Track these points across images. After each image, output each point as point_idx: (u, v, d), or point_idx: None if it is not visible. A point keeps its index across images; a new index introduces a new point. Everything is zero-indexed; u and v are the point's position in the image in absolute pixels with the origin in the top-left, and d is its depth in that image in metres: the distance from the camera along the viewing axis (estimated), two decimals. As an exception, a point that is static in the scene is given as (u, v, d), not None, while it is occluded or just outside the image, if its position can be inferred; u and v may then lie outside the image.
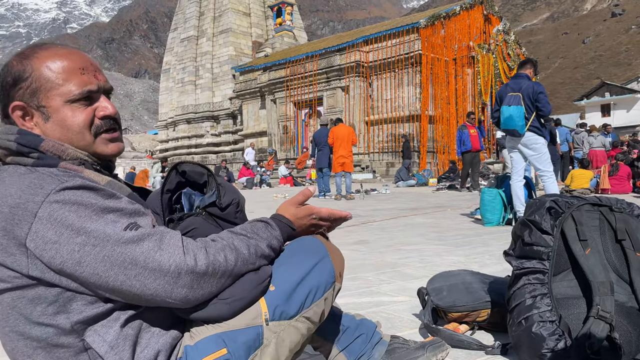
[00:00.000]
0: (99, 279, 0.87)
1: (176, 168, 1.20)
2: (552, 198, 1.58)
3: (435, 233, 4.87)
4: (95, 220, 0.87)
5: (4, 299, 0.91)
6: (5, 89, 1.00)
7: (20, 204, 0.87)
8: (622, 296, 1.45)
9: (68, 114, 1.00)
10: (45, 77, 0.99)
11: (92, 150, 1.03)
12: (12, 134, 0.97)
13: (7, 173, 0.93)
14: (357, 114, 20.52)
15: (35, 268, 0.87)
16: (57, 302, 0.90)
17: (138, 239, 0.88)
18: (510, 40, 23.35)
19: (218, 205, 1.13)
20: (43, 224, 0.85)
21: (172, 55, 31.01)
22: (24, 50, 1.03)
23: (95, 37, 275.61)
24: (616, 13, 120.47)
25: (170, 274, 0.88)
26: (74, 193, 0.88)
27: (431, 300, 1.90)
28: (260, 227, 1.05)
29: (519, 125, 4.99)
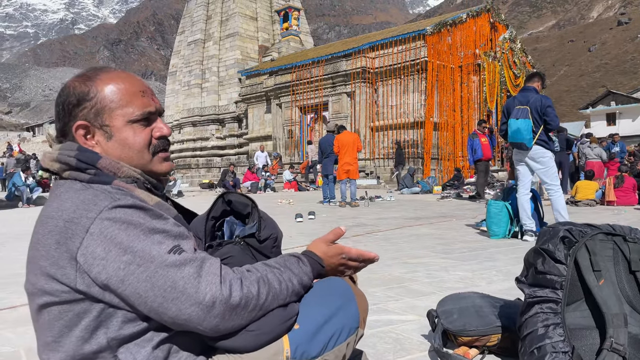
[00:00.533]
0: (139, 298, 0.91)
1: (223, 197, 1.27)
2: (566, 227, 1.58)
3: (441, 245, 4.86)
4: (142, 240, 0.91)
5: (51, 310, 0.95)
6: (68, 109, 1.05)
7: (74, 218, 0.91)
8: (635, 328, 1.44)
9: (130, 133, 1.06)
10: (109, 98, 1.04)
11: (148, 168, 1.09)
12: (73, 150, 1.02)
13: (63, 188, 0.99)
14: (363, 119, 20.53)
15: (83, 282, 0.91)
16: (100, 317, 0.94)
17: (180, 263, 0.91)
18: (516, 48, 23.34)
19: (257, 238, 1.18)
20: (94, 239, 0.90)
21: (179, 58, 31.13)
22: (86, 72, 1.08)
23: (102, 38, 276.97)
24: (622, 22, 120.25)
25: (205, 303, 0.90)
26: (124, 212, 0.92)
27: (441, 324, 1.90)
28: (293, 262, 1.07)
29: (527, 138, 4.98)
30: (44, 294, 0.95)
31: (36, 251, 0.95)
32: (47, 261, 0.93)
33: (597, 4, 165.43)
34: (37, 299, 0.96)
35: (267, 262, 1.05)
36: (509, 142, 5.33)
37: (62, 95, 1.05)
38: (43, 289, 0.94)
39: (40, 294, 0.95)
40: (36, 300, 0.97)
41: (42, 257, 0.94)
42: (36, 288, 0.96)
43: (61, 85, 1.09)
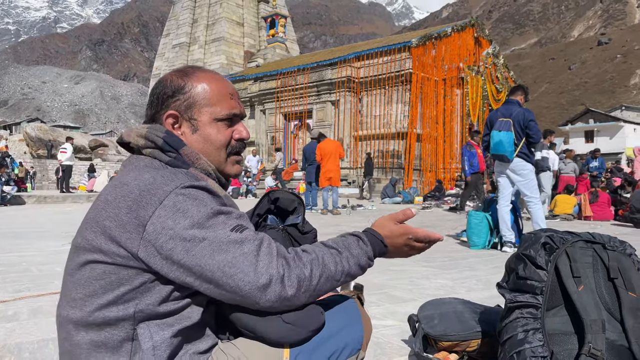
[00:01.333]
0: (200, 269, 0.94)
1: (269, 195, 1.32)
2: (547, 233, 1.60)
3: (423, 254, 4.85)
4: (210, 218, 0.96)
5: (96, 268, 0.97)
6: (162, 99, 1.12)
7: (151, 189, 0.96)
8: (613, 334, 1.46)
9: (213, 130, 1.12)
10: (201, 94, 1.12)
11: (221, 167, 1.15)
12: (161, 132, 1.08)
13: (142, 162, 1.06)
14: (347, 128, 20.62)
15: (145, 250, 0.94)
16: (139, 288, 0.96)
17: (241, 240, 0.96)
18: (499, 63, 23.73)
19: (299, 229, 1.24)
20: (166, 211, 0.94)
21: (163, 60, 30.95)
22: (184, 69, 1.16)
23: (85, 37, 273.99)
24: (602, 42, 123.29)
25: (262, 282, 0.94)
26: (197, 191, 0.98)
27: (422, 328, 1.91)
28: (352, 242, 1.07)
29: (509, 150, 5.05)
30: (97, 252, 0.97)
31: (102, 211, 0.98)
32: (113, 222, 0.95)
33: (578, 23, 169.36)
34: (86, 254, 0.98)
35: (326, 242, 1.07)
36: (490, 154, 5.39)
37: (159, 87, 1.13)
38: (99, 247, 0.96)
39: (92, 251, 0.97)
40: (83, 256, 0.98)
41: (108, 218, 0.96)
42: (90, 244, 0.98)
43: (158, 79, 1.17)
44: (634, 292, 1.53)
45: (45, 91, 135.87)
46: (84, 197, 14.51)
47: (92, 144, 27.95)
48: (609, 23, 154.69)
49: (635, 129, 44.67)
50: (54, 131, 28.72)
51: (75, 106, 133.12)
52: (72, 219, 8.40)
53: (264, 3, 31.25)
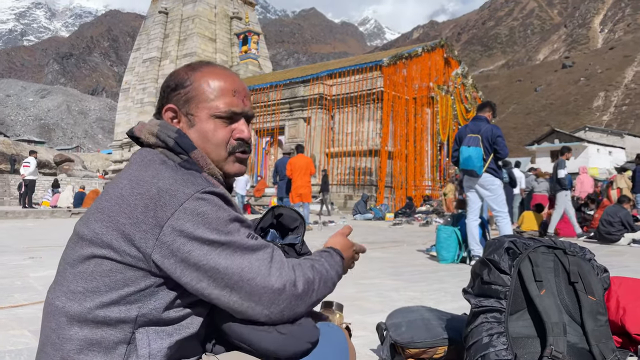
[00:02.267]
0: (217, 273, 0.94)
1: (273, 210, 1.34)
2: (511, 239, 1.64)
3: (392, 268, 4.91)
4: (228, 224, 0.96)
5: (103, 264, 0.94)
6: (166, 92, 1.12)
7: (171, 190, 0.94)
8: (574, 337, 1.50)
9: (210, 127, 1.09)
10: (201, 89, 1.09)
11: (220, 165, 1.12)
12: (173, 131, 1.06)
13: (158, 158, 1.03)
14: (318, 145, 20.71)
15: (159, 252, 0.92)
16: (144, 291, 0.94)
17: (257, 247, 0.98)
18: (468, 83, 24.32)
19: (297, 249, 1.24)
20: (185, 214, 0.92)
21: (133, 75, 30.64)
22: (193, 63, 1.15)
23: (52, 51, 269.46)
24: (567, 65, 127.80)
25: (278, 285, 0.97)
26: (215, 198, 0.98)
27: (390, 336, 1.91)
28: (326, 255, 1.14)
29: (477, 166, 5.14)
30: (106, 247, 0.94)
31: (117, 205, 0.96)
32: (128, 219, 0.93)
33: (544, 47, 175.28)
34: (93, 248, 0.95)
35: (307, 256, 1.12)
36: (460, 169, 5.49)
37: (167, 80, 1.13)
38: (109, 243, 0.94)
39: (101, 246, 0.95)
40: (89, 249, 0.96)
41: (122, 214, 0.94)
42: (99, 238, 0.95)
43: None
44: (593, 295, 1.57)
45: (9, 105, 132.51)
46: (47, 213, 14.12)
47: (57, 159, 27.33)
48: (572, 47, 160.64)
49: (599, 149, 46.18)
50: (17, 145, 27.99)
51: (40, 120, 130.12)
52: (33, 235, 8.16)
53: (236, 20, 31.37)
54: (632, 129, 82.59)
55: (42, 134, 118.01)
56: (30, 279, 3.87)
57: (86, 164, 39.46)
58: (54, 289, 0.99)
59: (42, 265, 4.63)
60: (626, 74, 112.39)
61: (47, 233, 8.47)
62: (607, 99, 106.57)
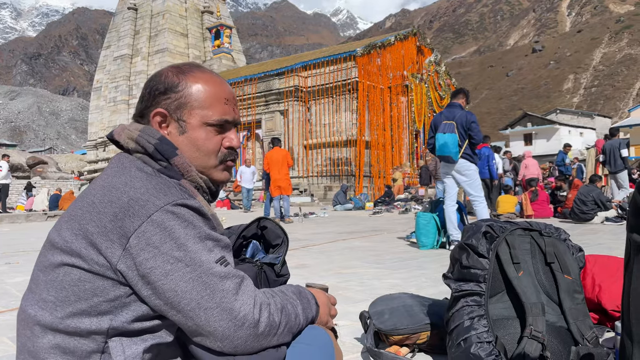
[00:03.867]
0: (175, 295, 0.90)
1: (259, 221, 1.32)
2: (488, 223, 1.66)
3: (374, 256, 4.95)
4: (197, 243, 0.92)
5: (72, 272, 0.92)
6: (153, 94, 1.07)
7: (140, 200, 0.91)
8: (552, 316, 1.53)
9: (202, 135, 1.07)
10: (194, 96, 1.06)
11: (208, 172, 1.09)
12: (154, 137, 1.03)
13: (133, 165, 1.00)
14: (296, 137, 20.67)
15: (124, 263, 0.90)
16: (115, 302, 0.92)
17: (224, 275, 0.93)
18: (441, 71, 24.48)
19: (275, 270, 1.23)
20: (153, 226, 0.90)
21: (104, 73, 30.08)
22: (181, 66, 1.11)
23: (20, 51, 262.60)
24: (536, 49, 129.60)
25: (236, 321, 0.92)
26: (188, 211, 0.94)
27: (373, 324, 1.93)
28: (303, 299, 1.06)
29: (453, 152, 5.21)
30: (75, 256, 0.92)
31: (87, 213, 0.94)
32: (96, 228, 0.91)
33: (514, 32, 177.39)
34: (63, 256, 0.93)
35: (284, 289, 1.05)
36: (436, 155, 5.54)
37: (153, 81, 1.08)
38: (77, 251, 0.92)
39: (70, 254, 0.93)
40: (59, 256, 0.94)
41: (91, 222, 0.92)
42: (68, 246, 0.93)
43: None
44: (569, 275, 1.61)
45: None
46: (23, 217, 13.83)
47: (30, 161, 26.73)
48: (542, 31, 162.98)
49: (570, 130, 47.10)
50: (-13, 149, 27.26)
51: (11, 123, 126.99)
52: (9, 240, 7.98)
53: (208, 14, 30.99)
54: (601, 109, 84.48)
55: (14, 137, 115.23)
56: (7, 285, 3.79)
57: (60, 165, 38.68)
58: (27, 297, 0.99)
59: (18, 270, 4.54)
60: (594, 56, 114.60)
61: (23, 237, 8.30)
62: (577, 82, 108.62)
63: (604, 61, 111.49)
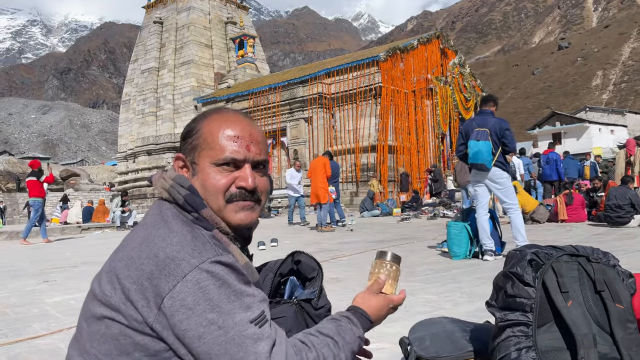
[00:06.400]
0: (208, 358, 0.90)
1: (293, 255, 1.32)
2: (532, 250, 1.61)
3: (406, 268, 4.88)
4: (231, 302, 0.91)
5: (113, 326, 0.94)
6: (181, 140, 1.12)
7: (176, 258, 0.92)
8: (604, 347, 1.47)
9: (211, 174, 1.06)
10: (204, 137, 1.07)
11: (221, 215, 1.06)
12: (184, 188, 1.04)
13: (171, 213, 1.02)
14: (321, 144, 20.69)
15: (160, 323, 0.91)
16: (155, 357, 0.93)
17: (257, 337, 0.91)
18: (465, 72, 24.21)
19: (313, 305, 1.23)
20: (187, 287, 0.90)
21: (132, 86, 30.67)
22: (207, 111, 1.13)
23: (51, 67, 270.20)
24: (562, 46, 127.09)
25: None
26: (223, 269, 0.93)
27: (414, 351, 1.89)
28: (346, 328, 1.05)
29: (487, 160, 5.10)
30: (114, 310, 0.94)
31: (125, 268, 0.95)
32: (133, 285, 0.92)
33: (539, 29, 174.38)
34: (103, 309, 0.95)
35: (322, 328, 1.04)
36: (469, 164, 5.43)
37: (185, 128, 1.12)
38: (116, 307, 0.94)
39: (110, 307, 0.94)
40: (100, 309, 0.96)
41: (129, 278, 0.93)
42: (107, 300, 0.95)
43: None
44: (621, 303, 1.54)
45: (12, 123, 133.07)
46: (58, 230, 14.16)
47: (63, 174, 27.44)
48: (567, 28, 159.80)
49: (601, 128, 45.96)
50: (22, 163, 28.10)
51: (44, 136, 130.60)
52: (45, 255, 8.17)
53: (231, 24, 31.34)
54: (632, 106, 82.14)
55: (47, 150, 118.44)
56: (46, 306, 3.87)
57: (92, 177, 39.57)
58: (73, 345, 1.01)
59: (57, 289, 4.63)
60: (623, 51, 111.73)
61: (59, 252, 8.49)
62: (606, 78, 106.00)
63: (633, 56, 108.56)
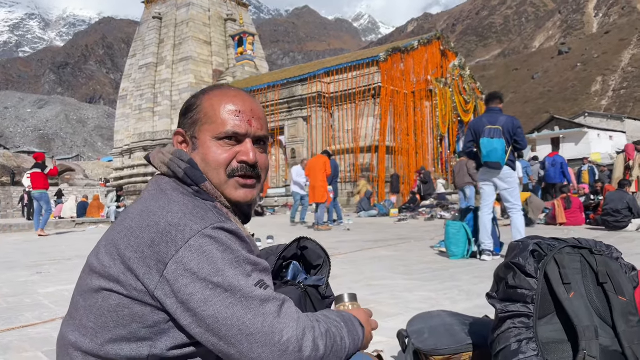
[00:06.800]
0: (216, 322, 0.88)
1: (299, 241, 1.31)
2: (535, 241, 1.59)
3: (403, 267, 4.87)
4: (234, 267, 0.90)
5: (110, 298, 0.92)
6: (180, 116, 1.11)
7: (178, 225, 0.90)
8: (606, 340, 1.45)
9: (212, 148, 1.05)
10: (205, 112, 1.06)
11: (222, 189, 1.05)
12: (184, 161, 1.03)
13: (170, 186, 1.01)
14: (319, 143, 20.67)
15: (162, 290, 0.89)
16: (154, 328, 0.91)
17: (265, 299, 0.90)
18: (465, 75, 24.22)
19: (321, 292, 1.21)
20: (191, 252, 0.88)
21: (130, 81, 30.59)
22: (208, 87, 1.13)
23: (48, 61, 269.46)
24: (563, 51, 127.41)
25: (280, 345, 0.88)
26: (226, 235, 0.92)
27: (412, 343, 1.87)
28: (347, 321, 1.03)
29: (502, 158, 5.03)
30: (113, 281, 0.92)
31: (124, 238, 0.93)
32: (134, 254, 0.91)
33: (539, 34, 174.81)
34: (102, 281, 0.93)
35: (326, 313, 1.02)
36: (483, 162, 5.25)
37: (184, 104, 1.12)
38: (115, 277, 0.92)
39: (108, 279, 0.93)
40: (98, 281, 0.94)
41: (129, 247, 0.91)
42: (106, 272, 0.93)
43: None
44: (623, 296, 1.52)
45: (7, 117, 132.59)
46: (52, 224, 14.08)
47: (58, 169, 27.30)
48: (568, 33, 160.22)
49: (599, 134, 46.04)
50: (18, 157, 28.01)
51: (39, 131, 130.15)
52: (39, 248, 8.12)
53: (231, 22, 31.29)
54: (631, 112, 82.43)
55: (42, 145, 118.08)
56: (39, 296, 3.83)
57: (87, 172, 39.48)
58: (67, 322, 0.99)
59: (50, 281, 4.59)
60: (623, 58, 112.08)
61: (53, 246, 8.44)
62: (605, 84, 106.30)
63: (633, 62, 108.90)
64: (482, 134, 5.10)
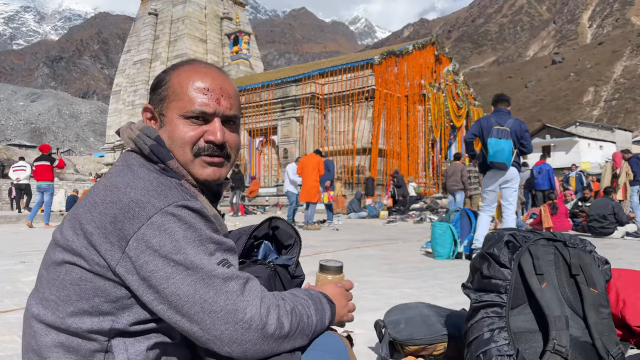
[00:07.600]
0: (178, 299, 0.87)
1: (270, 221, 1.29)
2: (510, 232, 1.61)
3: (388, 265, 4.88)
4: (197, 246, 0.89)
5: (73, 271, 0.91)
6: (150, 91, 1.09)
7: (141, 201, 0.89)
8: (576, 331, 1.47)
9: (179, 126, 1.03)
10: (173, 89, 1.04)
11: (188, 168, 1.03)
12: (151, 138, 1.01)
13: (137, 162, 0.99)
14: (311, 144, 20.67)
15: (123, 267, 0.88)
16: (116, 303, 0.91)
17: (227, 277, 0.89)
18: (459, 80, 24.34)
19: (290, 272, 1.20)
20: (152, 229, 0.87)
21: (124, 77, 30.46)
22: (178, 63, 1.09)
23: (42, 54, 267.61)
24: (556, 61, 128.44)
25: (243, 323, 0.88)
26: (189, 213, 0.91)
27: (388, 333, 1.88)
28: (317, 295, 1.02)
29: (509, 159, 5.04)
30: (76, 255, 0.91)
31: (88, 212, 0.92)
32: (96, 229, 0.89)
33: (533, 43, 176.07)
34: (65, 254, 0.92)
35: (294, 291, 1.02)
36: (489, 162, 5.21)
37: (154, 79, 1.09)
38: (78, 251, 0.91)
39: (71, 252, 0.92)
40: (61, 255, 0.93)
41: (92, 222, 0.90)
42: (69, 245, 0.92)
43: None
44: (595, 288, 1.54)
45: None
46: (39, 217, 13.98)
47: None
48: (562, 43, 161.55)
49: (590, 143, 46.47)
50: (8, 150, 27.78)
51: (31, 124, 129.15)
52: (25, 239, 8.07)
53: (227, 20, 31.27)
54: (622, 123, 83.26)
55: (34, 138, 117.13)
56: (21, 284, 3.82)
57: (78, 167, 39.23)
58: (32, 295, 0.98)
59: (33, 270, 4.56)
60: (615, 69, 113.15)
61: (40, 237, 8.38)
62: (597, 94, 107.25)
63: (625, 74, 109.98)
64: (490, 133, 5.06)
